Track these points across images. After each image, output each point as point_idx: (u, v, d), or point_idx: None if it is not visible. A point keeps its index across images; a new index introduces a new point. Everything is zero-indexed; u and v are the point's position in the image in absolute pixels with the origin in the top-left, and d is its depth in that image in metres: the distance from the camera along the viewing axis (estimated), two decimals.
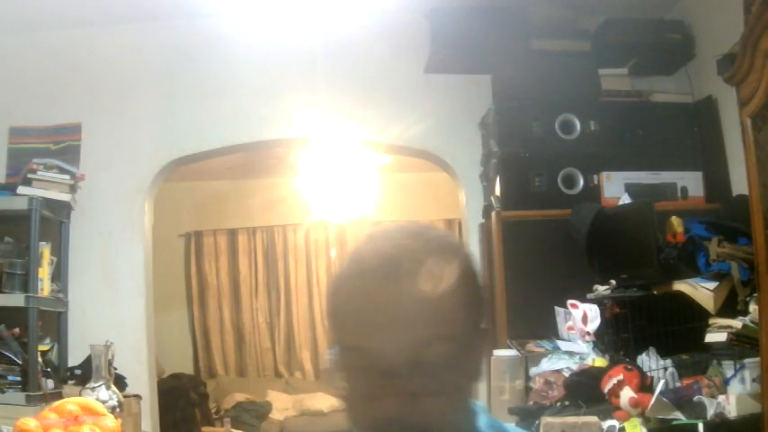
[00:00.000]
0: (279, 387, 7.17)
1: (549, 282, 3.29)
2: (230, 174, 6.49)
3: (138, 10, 3.75)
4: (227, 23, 3.88)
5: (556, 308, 3.22)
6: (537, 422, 2.59)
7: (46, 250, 3.46)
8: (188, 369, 7.06)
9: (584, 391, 2.70)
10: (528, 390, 3.06)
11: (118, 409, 2.91)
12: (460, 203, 4.04)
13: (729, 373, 2.50)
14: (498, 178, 3.51)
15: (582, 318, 3.03)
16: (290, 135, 4.02)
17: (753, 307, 2.45)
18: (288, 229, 7.50)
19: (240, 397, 6.77)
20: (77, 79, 3.86)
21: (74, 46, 3.86)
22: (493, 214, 3.49)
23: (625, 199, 3.37)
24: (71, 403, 2.57)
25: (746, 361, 2.44)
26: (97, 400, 2.83)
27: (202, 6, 3.73)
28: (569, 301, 3.10)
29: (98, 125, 3.83)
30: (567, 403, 2.73)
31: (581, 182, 3.49)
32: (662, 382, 2.51)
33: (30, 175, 3.43)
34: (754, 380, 2.39)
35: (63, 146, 3.78)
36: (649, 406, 2.41)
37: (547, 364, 3.02)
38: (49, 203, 3.45)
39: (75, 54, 3.87)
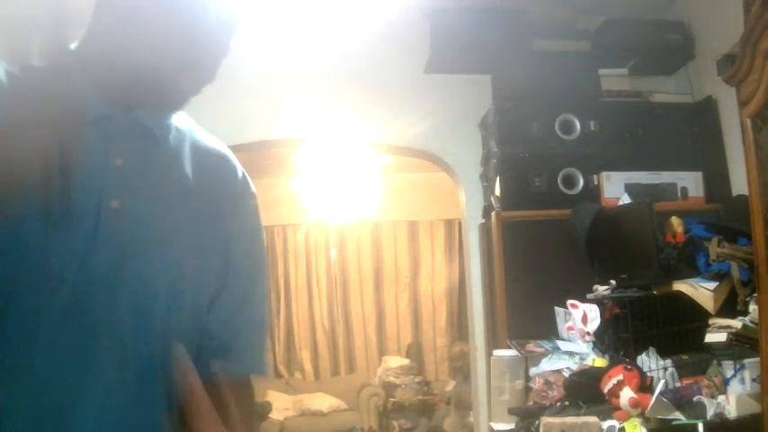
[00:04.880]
0: (279, 387, 7.17)
1: (548, 282, 3.29)
2: None
3: None
4: None
5: (556, 308, 3.22)
6: (537, 422, 2.59)
7: None
8: None
9: (584, 391, 2.70)
10: (528, 390, 3.06)
11: None
12: (460, 203, 4.04)
13: (729, 373, 2.50)
14: (498, 178, 3.51)
15: (582, 318, 3.03)
16: (289, 135, 4.02)
17: (753, 307, 2.45)
18: (288, 230, 7.50)
19: None
20: None
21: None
22: (493, 214, 3.49)
23: (625, 199, 3.37)
24: None
25: (746, 361, 2.44)
26: None
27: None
28: (569, 301, 3.10)
29: None
30: (566, 403, 2.73)
31: (581, 182, 3.49)
32: (662, 382, 2.51)
33: None
34: (754, 380, 2.39)
35: None
36: (649, 406, 2.41)
37: (547, 365, 3.03)
38: None
39: None
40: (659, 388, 2.46)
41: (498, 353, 3.24)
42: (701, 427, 2.30)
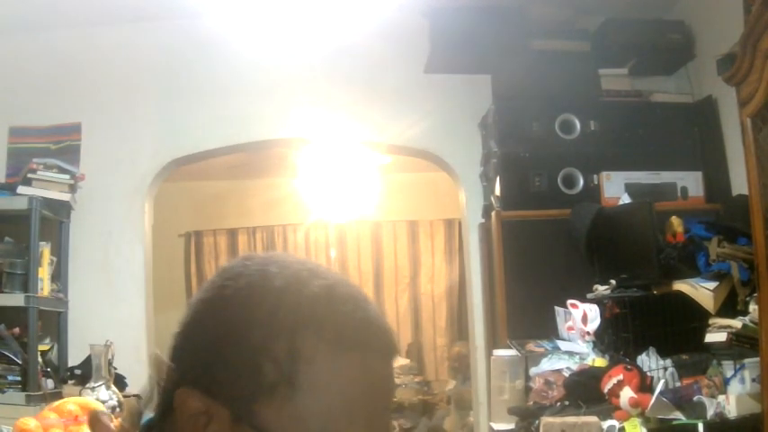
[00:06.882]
0: None
1: (549, 282, 3.29)
2: (230, 174, 6.48)
3: (138, 10, 3.75)
4: (227, 24, 3.88)
5: (556, 308, 3.22)
6: (537, 422, 2.59)
7: (46, 250, 3.46)
8: None
9: (584, 391, 2.70)
10: (528, 390, 3.06)
11: (118, 409, 2.91)
12: (460, 203, 4.04)
13: (729, 373, 2.50)
14: (498, 178, 3.51)
15: (582, 318, 3.03)
16: (290, 135, 4.02)
17: (753, 307, 2.45)
18: (288, 229, 7.49)
19: None
20: (77, 79, 3.86)
21: (74, 46, 3.86)
22: (493, 214, 3.49)
23: (625, 199, 3.37)
24: (71, 403, 2.58)
25: (746, 361, 2.44)
26: (97, 400, 2.83)
27: (202, 6, 3.73)
28: (569, 301, 3.10)
29: (98, 125, 3.83)
30: (566, 403, 2.73)
31: (581, 182, 3.49)
32: (662, 382, 2.51)
33: (30, 175, 3.43)
34: (753, 380, 2.39)
35: (63, 146, 3.78)
36: (649, 406, 2.41)
37: (547, 364, 3.02)
38: (49, 203, 3.45)
39: (75, 54, 3.87)
40: (659, 388, 2.46)
41: (498, 353, 3.24)
42: (700, 427, 2.30)
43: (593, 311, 3.01)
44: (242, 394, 0.64)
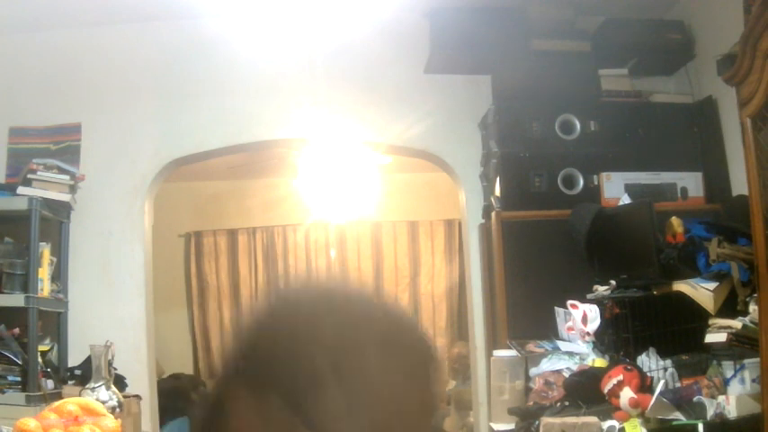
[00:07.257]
0: None
1: (549, 282, 3.29)
2: (230, 174, 6.49)
3: (138, 10, 3.75)
4: (226, 24, 3.88)
5: (556, 308, 3.22)
6: (537, 422, 2.59)
7: (46, 250, 3.45)
8: (188, 369, 7.05)
9: (584, 391, 2.70)
10: (528, 390, 3.06)
11: (118, 410, 2.91)
12: (460, 203, 4.04)
13: (729, 373, 2.50)
14: (498, 178, 3.51)
15: (582, 318, 3.03)
16: (290, 135, 4.02)
17: (753, 307, 2.45)
18: (288, 230, 7.49)
19: None
20: (77, 79, 3.86)
21: (74, 46, 3.86)
22: (493, 214, 3.49)
23: (625, 199, 3.37)
24: (71, 403, 2.58)
25: (746, 361, 2.44)
26: (97, 400, 2.83)
27: (203, 6, 3.73)
28: (569, 302, 3.10)
29: (98, 125, 3.83)
30: (566, 404, 2.73)
31: (581, 182, 3.49)
32: (662, 382, 2.51)
33: (30, 176, 3.43)
34: (753, 380, 2.39)
35: (63, 146, 3.78)
36: (649, 406, 2.41)
37: (547, 365, 3.03)
38: (49, 203, 3.44)
39: (75, 54, 3.87)
40: (659, 388, 2.46)
41: (498, 353, 3.24)
42: (701, 427, 2.30)
43: (593, 312, 3.01)
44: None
